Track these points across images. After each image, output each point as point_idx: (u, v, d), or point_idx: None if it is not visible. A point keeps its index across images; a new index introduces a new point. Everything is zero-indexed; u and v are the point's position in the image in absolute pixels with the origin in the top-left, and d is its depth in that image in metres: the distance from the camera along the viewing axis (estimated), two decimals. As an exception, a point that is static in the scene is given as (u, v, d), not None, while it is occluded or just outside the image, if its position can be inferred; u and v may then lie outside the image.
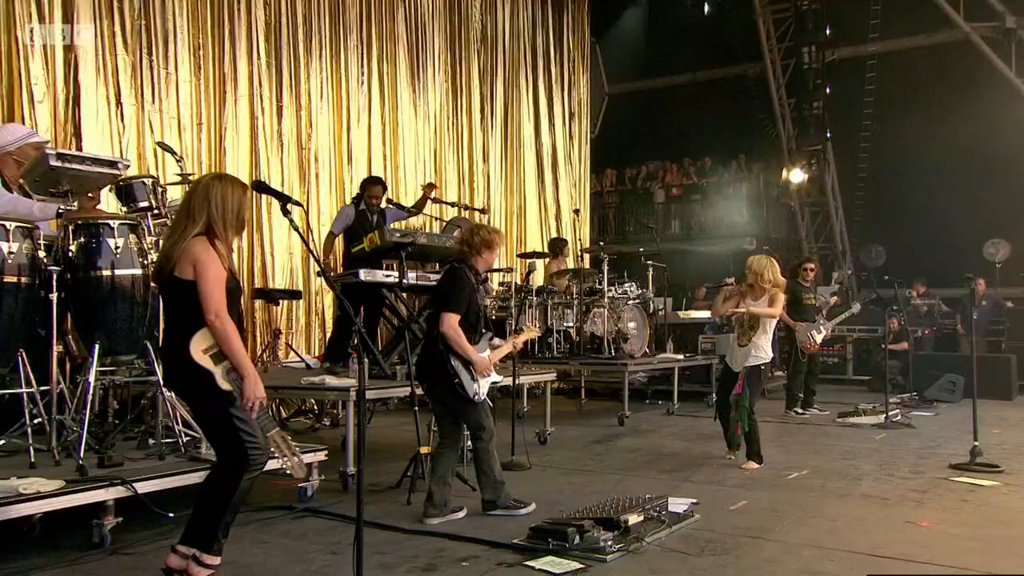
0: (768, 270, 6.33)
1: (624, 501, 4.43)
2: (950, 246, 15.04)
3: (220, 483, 3.29)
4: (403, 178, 10.26)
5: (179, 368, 3.22)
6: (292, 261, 8.72)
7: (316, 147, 9.09)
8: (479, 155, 11.59)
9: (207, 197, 3.26)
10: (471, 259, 4.73)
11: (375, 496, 5.18)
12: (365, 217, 7.37)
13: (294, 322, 8.69)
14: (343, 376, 5.96)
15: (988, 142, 14.46)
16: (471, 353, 4.59)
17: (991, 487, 5.53)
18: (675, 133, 18.74)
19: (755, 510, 4.89)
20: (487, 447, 4.74)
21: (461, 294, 4.60)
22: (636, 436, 7.88)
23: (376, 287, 6.42)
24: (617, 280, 10.08)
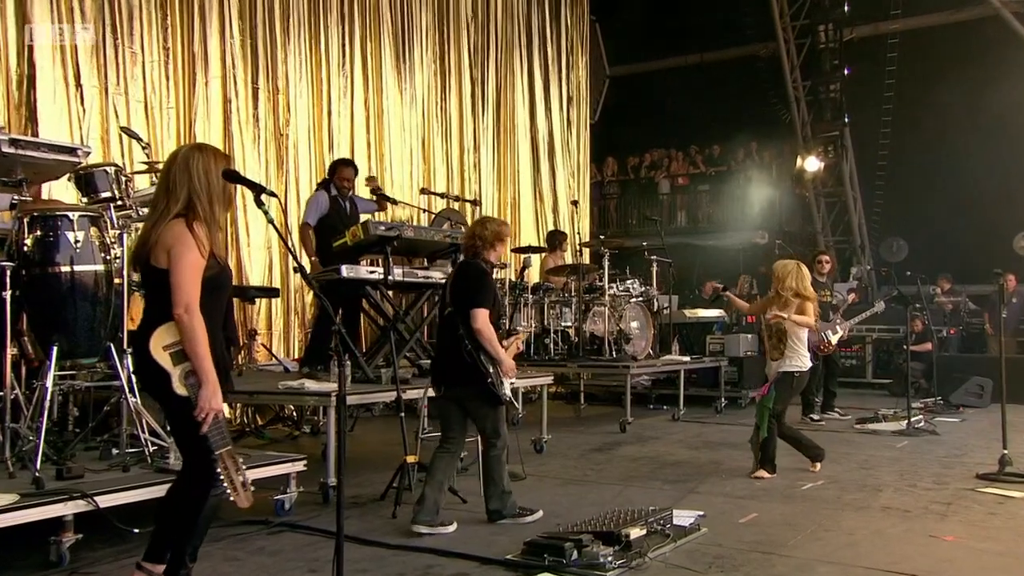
0: (792, 277, 6.34)
1: (625, 514, 4.43)
2: (978, 239, 15.07)
3: (184, 497, 3.19)
4: (389, 166, 10.24)
5: (138, 364, 3.16)
6: (270, 256, 8.69)
7: (294, 133, 9.06)
8: (470, 142, 11.57)
9: (187, 170, 3.14)
10: (484, 253, 4.84)
11: (358, 509, 5.18)
12: (338, 204, 7.28)
13: (272, 322, 8.67)
14: (324, 380, 5.96)
15: (1019, 127, 14.48)
16: (501, 353, 4.71)
17: (1022, 499, 5.54)
18: (681, 119, 18.75)
19: (766, 523, 4.89)
20: (500, 456, 4.83)
21: (488, 289, 4.73)
22: (639, 444, 7.88)
23: (359, 284, 6.40)
24: (619, 276, 10.09)
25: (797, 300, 6.31)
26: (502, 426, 4.85)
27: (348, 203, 7.36)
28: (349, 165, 7.56)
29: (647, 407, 10.70)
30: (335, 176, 7.34)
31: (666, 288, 11.38)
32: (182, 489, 3.24)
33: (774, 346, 6.37)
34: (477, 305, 4.65)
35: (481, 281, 4.75)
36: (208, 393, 3.03)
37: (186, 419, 3.07)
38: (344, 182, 7.33)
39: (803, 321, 6.28)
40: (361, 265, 6.42)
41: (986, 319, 13.15)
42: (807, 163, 17.31)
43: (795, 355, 6.29)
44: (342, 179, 7.34)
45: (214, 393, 3.04)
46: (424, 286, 6.95)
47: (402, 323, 6.72)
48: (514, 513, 4.84)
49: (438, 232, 6.99)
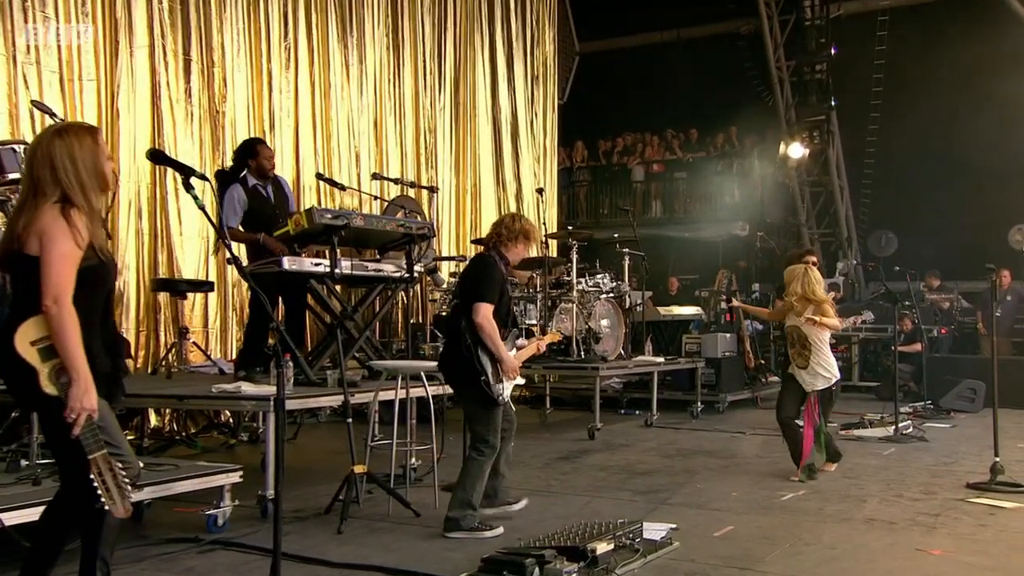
0: (798, 281, 6.72)
1: (592, 527, 4.46)
2: (972, 233, 15.39)
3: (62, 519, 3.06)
4: (336, 148, 10.16)
5: (1, 361, 3.04)
6: (206, 247, 8.59)
7: (231, 110, 8.95)
8: (425, 123, 11.54)
9: (50, 160, 3.05)
10: (503, 247, 5.02)
11: (300, 524, 5.15)
12: (259, 193, 6.82)
13: (207, 319, 8.57)
14: (263, 383, 5.91)
15: (1019, 112, 14.74)
16: (502, 351, 4.86)
17: (1014, 509, 5.66)
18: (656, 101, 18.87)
19: (743, 537, 4.95)
20: (482, 464, 4.92)
21: (494, 283, 4.89)
22: (608, 452, 7.93)
23: (303, 278, 6.35)
24: (588, 271, 10.13)
25: (808, 306, 6.63)
26: (492, 432, 4.94)
27: (272, 186, 6.92)
28: (265, 144, 7.17)
29: (618, 412, 10.75)
30: (256, 159, 6.81)
31: (639, 283, 11.46)
32: (59, 512, 3.11)
33: (798, 352, 6.69)
34: (480, 299, 4.82)
35: (488, 273, 4.93)
36: (79, 391, 2.95)
37: (57, 421, 2.99)
38: (266, 162, 6.84)
39: (830, 324, 6.61)
40: (305, 256, 6.36)
41: (979, 318, 13.40)
42: (791, 149, 17.51)
43: (822, 363, 6.63)
44: (265, 159, 6.85)
45: (86, 391, 2.96)
46: (375, 280, 6.91)
47: (350, 320, 6.68)
48: (472, 527, 4.87)
49: (391, 221, 6.94)
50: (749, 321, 12.45)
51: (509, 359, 4.92)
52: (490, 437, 4.95)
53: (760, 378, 12.02)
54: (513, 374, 4.96)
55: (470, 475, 4.92)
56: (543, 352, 5.56)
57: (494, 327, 4.83)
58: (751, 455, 7.82)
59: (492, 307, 4.83)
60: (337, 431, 8.09)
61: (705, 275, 15.87)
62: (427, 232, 6.96)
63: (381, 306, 7.66)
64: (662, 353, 10.95)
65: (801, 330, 6.65)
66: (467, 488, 4.90)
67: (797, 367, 6.71)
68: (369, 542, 4.82)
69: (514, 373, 4.96)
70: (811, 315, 6.58)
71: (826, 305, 6.67)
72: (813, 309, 6.63)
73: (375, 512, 5.42)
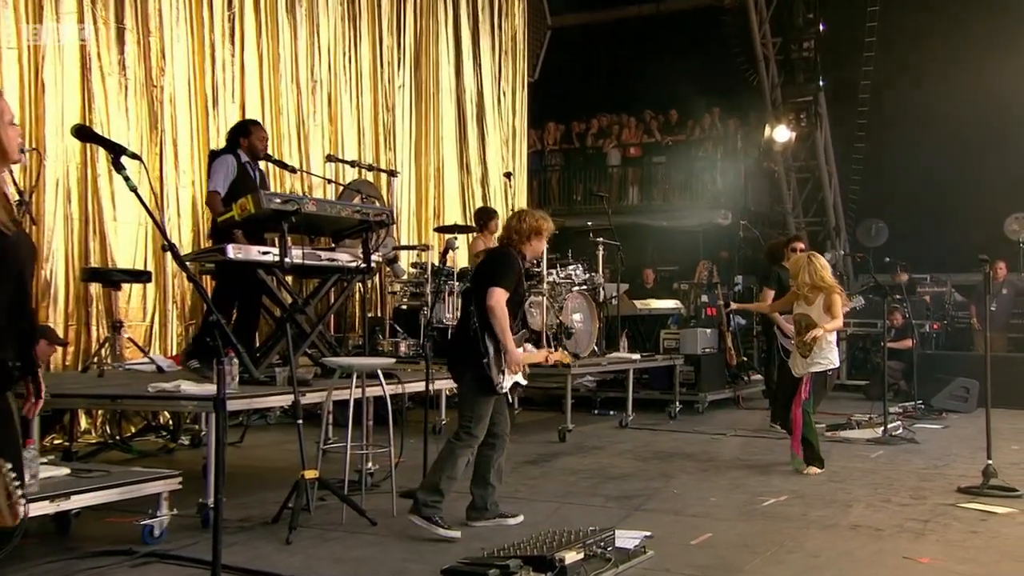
0: (804, 271, 7.15)
1: (561, 535, 4.47)
2: (967, 222, 15.59)
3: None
4: (287, 127, 10.07)
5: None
6: (145, 233, 8.49)
7: (170, 85, 8.84)
8: (384, 101, 11.47)
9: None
10: (519, 247, 5.32)
11: (246, 535, 5.12)
12: (247, 172, 7.01)
13: (145, 312, 8.48)
14: (207, 382, 5.85)
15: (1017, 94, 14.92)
16: (508, 339, 5.08)
17: (1006, 515, 5.75)
18: (634, 79, 18.96)
19: (721, 544, 4.98)
20: (456, 450, 5.10)
21: (510, 273, 5.18)
22: (580, 455, 7.96)
23: (250, 268, 6.30)
24: (559, 261, 10.14)
25: (819, 294, 7.05)
26: (477, 421, 5.13)
27: (258, 173, 7.15)
28: (260, 125, 7.37)
29: (591, 412, 10.79)
30: (248, 138, 7.07)
31: (614, 275, 11.50)
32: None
33: (803, 341, 7.09)
34: (495, 284, 5.09)
35: (506, 262, 5.25)
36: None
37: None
38: (259, 143, 7.09)
39: (834, 327, 7.07)
40: (252, 245, 6.30)
41: (973, 312, 13.58)
42: (776, 133, 17.64)
43: (824, 351, 7.03)
44: (258, 139, 7.08)
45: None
46: (328, 270, 6.86)
47: (301, 314, 6.63)
48: (431, 518, 4.99)
49: (346, 207, 6.89)
50: (731, 316, 12.54)
51: (514, 351, 5.12)
52: (473, 426, 5.12)
53: (742, 376, 12.12)
54: (516, 368, 5.16)
55: (442, 458, 5.12)
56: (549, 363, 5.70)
57: (505, 313, 5.06)
58: (732, 458, 7.88)
59: (506, 294, 5.07)
60: (287, 433, 8.04)
61: (685, 267, 15.95)
62: (386, 219, 6.92)
63: (336, 299, 7.62)
64: (638, 350, 11.00)
65: (811, 319, 7.07)
66: (436, 471, 5.11)
67: (800, 355, 7.12)
68: (320, 553, 4.79)
69: (517, 367, 5.17)
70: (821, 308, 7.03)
71: (835, 294, 7.08)
72: (824, 299, 7.04)
73: (328, 521, 5.39)
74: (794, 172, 18.73)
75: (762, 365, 12.24)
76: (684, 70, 17.99)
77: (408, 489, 5.49)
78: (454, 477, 5.12)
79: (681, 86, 18.28)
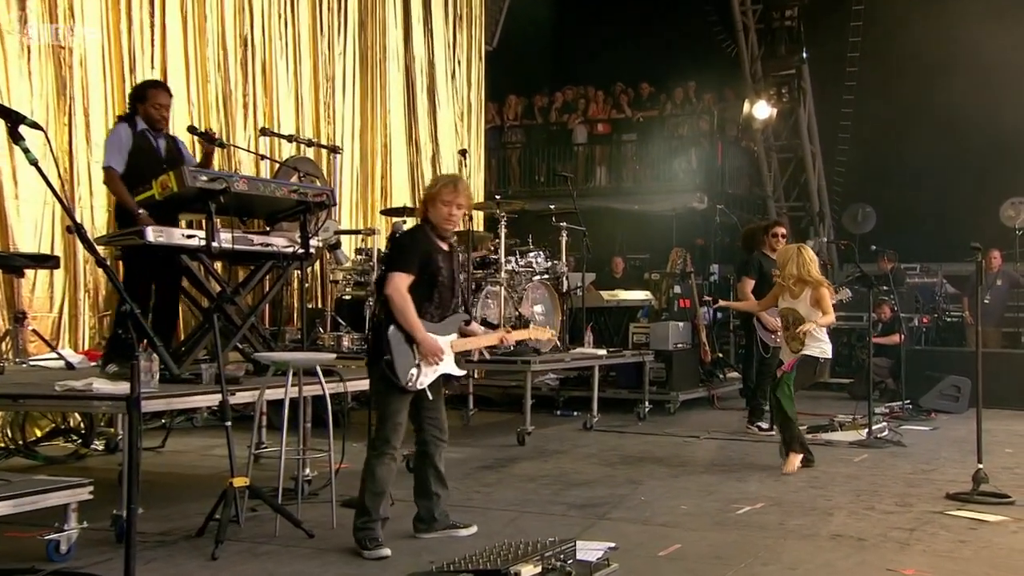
0: (792, 263, 7.43)
1: (517, 547, 4.47)
2: (960, 207, 15.82)
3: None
4: (215, 97, 9.94)
5: None
6: (52, 215, 8.35)
7: (80, 47, 8.68)
8: (324, 70, 11.37)
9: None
10: (428, 213, 5.22)
11: (166, 550, 5.07)
12: (148, 141, 6.73)
13: (52, 302, 8.35)
14: (124, 380, 5.77)
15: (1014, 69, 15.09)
16: (416, 328, 4.99)
17: (997, 523, 5.83)
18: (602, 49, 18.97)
19: (691, 556, 5.02)
20: (374, 464, 5.04)
21: (411, 252, 5.11)
22: (540, 459, 7.98)
23: (173, 253, 6.22)
24: (519, 248, 10.13)
25: (805, 287, 7.35)
26: (391, 428, 5.06)
27: (165, 142, 6.89)
28: (161, 88, 7.07)
29: (552, 413, 10.81)
30: (144, 103, 6.74)
31: (579, 264, 11.52)
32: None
33: (792, 336, 7.39)
34: (392, 268, 5.08)
35: (405, 243, 5.27)
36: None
37: None
38: (154, 111, 6.75)
39: (828, 322, 7.39)
40: (176, 227, 6.22)
41: (965, 305, 13.76)
42: (756, 109, 17.78)
43: (816, 341, 7.36)
44: (153, 107, 6.75)
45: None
46: (262, 256, 6.79)
47: (230, 304, 6.55)
48: (361, 542, 4.95)
49: (281, 186, 6.83)
50: (706, 308, 12.63)
51: (427, 339, 5.01)
52: (387, 432, 5.05)
53: (718, 374, 12.21)
54: (433, 358, 5.05)
55: (364, 476, 5.08)
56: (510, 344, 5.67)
57: (406, 300, 4.97)
58: (705, 462, 7.94)
59: (407, 277, 5.01)
60: (215, 437, 7.98)
61: (656, 255, 16.02)
62: (326, 200, 6.87)
63: (270, 288, 7.55)
64: (605, 345, 11.02)
65: (799, 313, 7.36)
66: (362, 493, 5.07)
67: (790, 351, 7.42)
68: (250, 569, 4.76)
69: (435, 357, 5.06)
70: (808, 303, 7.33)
71: (824, 288, 7.35)
72: (811, 293, 7.33)
73: (259, 533, 5.36)
74: (775, 152, 18.89)
75: (739, 362, 12.35)
76: (657, 40, 18.08)
77: (350, 498, 5.46)
78: (379, 492, 5.05)
79: (653, 57, 18.37)
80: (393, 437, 5.06)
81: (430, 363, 5.07)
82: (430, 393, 5.17)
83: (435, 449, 5.29)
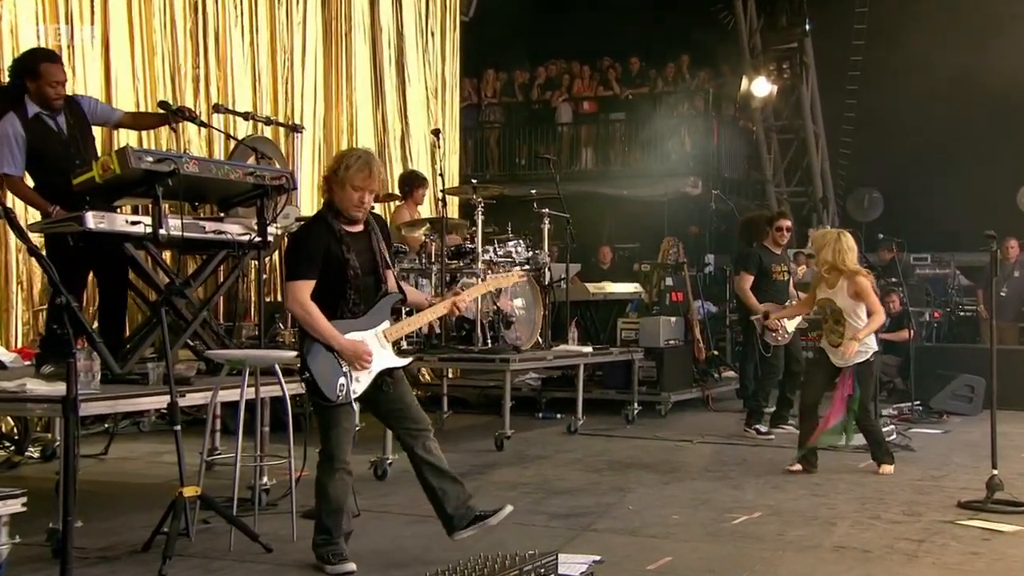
0: (831, 248, 7.53)
1: (494, 560, 4.46)
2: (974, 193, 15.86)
3: None
4: (162, 70, 9.86)
5: None
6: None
7: (12, 13, 8.54)
8: (282, 41, 11.30)
9: None
10: (332, 196, 5.05)
11: (109, 566, 5.04)
12: (42, 126, 6.45)
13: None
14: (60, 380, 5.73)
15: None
16: (330, 336, 4.86)
17: (1012, 533, 5.86)
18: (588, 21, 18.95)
19: (683, 570, 5.02)
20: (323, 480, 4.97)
21: (305, 254, 4.95)
22: (520, 465, 7.98)
23: (116, 241, 6.18)
24: (497, 236, 10.12)
25: (840, 277, 7.48)
26: (335, 443, 4.95)
27: (65, 117, 6.60)
28: (57, 63, 6.72)
29: (534, 416, 10.81)
30: (37, 80, 6.41)
31: (563, 254, 11.52)
32: None
33: (831, 329, 7.58)
34: (288, 278, 4.98)
35: (295, 244, 5.10)
36: None
37: None
38: (50, 89, 6.43)
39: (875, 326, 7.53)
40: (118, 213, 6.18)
41: (980, 298, 13.82)
42: (755, 86, 17.81)
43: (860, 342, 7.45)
44: (49, 84, 6.43)
45: None
46: (215, 245, 6.77)
47: (180, 297, 6.52)
48: (324, 557, 4.94)
49: (236, 168, 6.80)
50: (700, 302, 12.66)
51: (347, 345, 4.88)
52: (331, 447, 4.96)
53: (712, 373, 12.24)
54: (359, 363, 4.92)
55: (316, 495, 5.02)
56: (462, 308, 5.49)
57: (308, 310, 4.85)
58: (699, 468, 7.95)
59: (306, 284, 4.89)
60: (164, 443, 7.94)
61: (647, 244, 16.09)
62: (285, 183, 6.85)
63: (224, 279, 7.51)
64: (591, 342, 11.03)
65: (836, 303, 7.52)
66: (318, 512, 5.03)
67: (829, 344, 7.59)
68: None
69: (360, 361, 4.92)
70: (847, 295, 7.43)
71: (861, 278, 7.48)
72: (848, 285, 7.44)
73: (212, 548, 5.34)
74: (775, 133, 18.95)
75: (736, 360, 12.40)
76: (647, 11, 18.06)
77: (311, 508, 5.43)
78: (334, 510, 4.97)
79: (644, 30, 18.35)
80: (339, 451, 4.96)
81: (356, 368, 4.94)
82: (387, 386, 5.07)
83: (415, 441, 5.12)
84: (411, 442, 5.13)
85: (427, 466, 5.12)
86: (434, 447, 5.16)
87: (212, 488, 5.59)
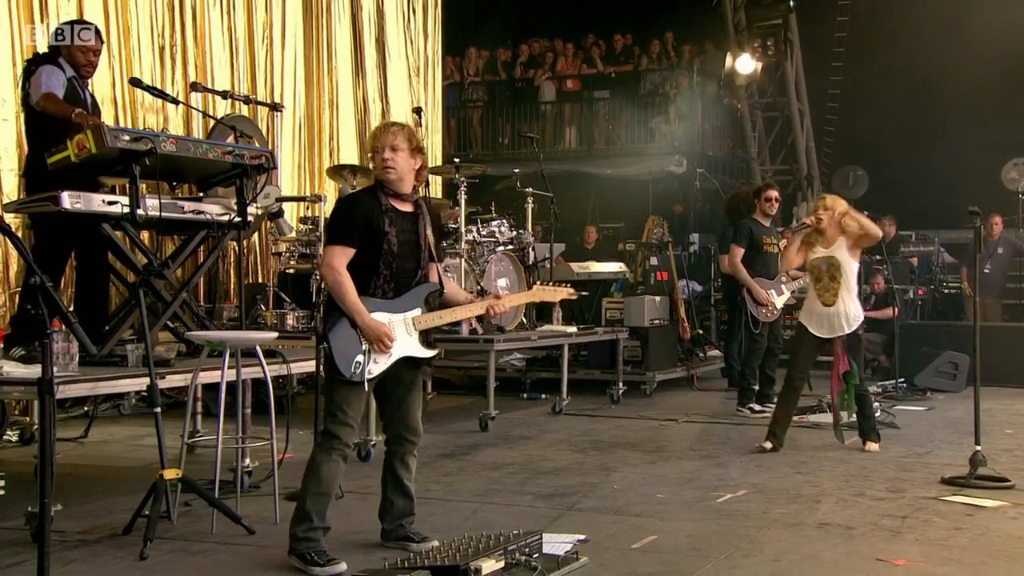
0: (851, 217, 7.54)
1: (479, 540, 4.49)
2: (959, 169, 15.92)
3: None
4: (137, 46, 9.77)
5: None
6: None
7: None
8: (262, 17, 11.22)
9: None
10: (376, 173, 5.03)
11: (89, 549, 5.03)
12: (75, 93, 6.57)
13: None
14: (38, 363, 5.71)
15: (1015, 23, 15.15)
16: (355, 310, 4.76)
17: (995, 509, 5.92)
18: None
19: (668, 548, 5.04)
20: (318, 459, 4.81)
21: (347, 220, 4.91)
22: (505, 446, 8.01)
23: (93, 221, 6.14)
24: (480, 216, 10.10)
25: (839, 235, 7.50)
26: (339, 421, 4.79)
27: (89, 96, 6.78)
28: (93, 33, 6.79)
29: (518, 396, 10.85)
30: (71, 48, 6.57)
31: (546, 233, 11.51)
32: None
33: (825, 287, 7.55)
34: (328, 242, 4.94)
35: (337, 212, 5.08)
36: None
37: None
38: (81, 55, 6.59)
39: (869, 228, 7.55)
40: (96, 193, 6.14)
41: (964, 275, 13.89)
42: (739, 63, 17.77)
43: (849, 305, 7.52)
44: (78, 51, 6.60)
45: None
46: (194, 225, 6.75)
47: (159, 279, 6.50)
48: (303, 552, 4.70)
49: (215, 147, 6.77)
50: (685, 281, 12.68)
51: (370, 323, 4.74)
52: (332, 425, 4.82)
53: (698, 352, 12.28)
54: (381, 344, 4.78)
55: (306, 474, 4.83)
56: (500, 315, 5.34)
57: (339, 278, 4.76)
58: (683, 447, 7.98)
59: (344, 251, 4.80)
60: (144, 426, 7.92)
61: (631, 223, 16.04)
62: (265, 162, 6.82)
63: (204, 260, 7.48)
64: (575, 321, 11.04)
65: (835, 259, 7.51)
66: (303, 493, 4.81)
67: (823, 305, 7.53)
68: (183, 569, 4.74)
69: (381, 343, 4.78)
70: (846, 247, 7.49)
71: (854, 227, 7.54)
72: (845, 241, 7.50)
73: (194, 530, 5.34)
74: (760, 111, 18.95)
75: (721, 339, 12.44)
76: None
77: (294, 490, 5.42)
78: (322, 493, 4.77)
79: (628, 6, 18.30)
80: (341, 432, 4.81)
81: (378, 349, 4.81)
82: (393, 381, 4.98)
83: (401, 448, 5.07)
84: (396, 448, 5.09)
85: (393, 478, 5.08)
86: (412, 463, 5.15)
87: (194, 471, 5.59)
